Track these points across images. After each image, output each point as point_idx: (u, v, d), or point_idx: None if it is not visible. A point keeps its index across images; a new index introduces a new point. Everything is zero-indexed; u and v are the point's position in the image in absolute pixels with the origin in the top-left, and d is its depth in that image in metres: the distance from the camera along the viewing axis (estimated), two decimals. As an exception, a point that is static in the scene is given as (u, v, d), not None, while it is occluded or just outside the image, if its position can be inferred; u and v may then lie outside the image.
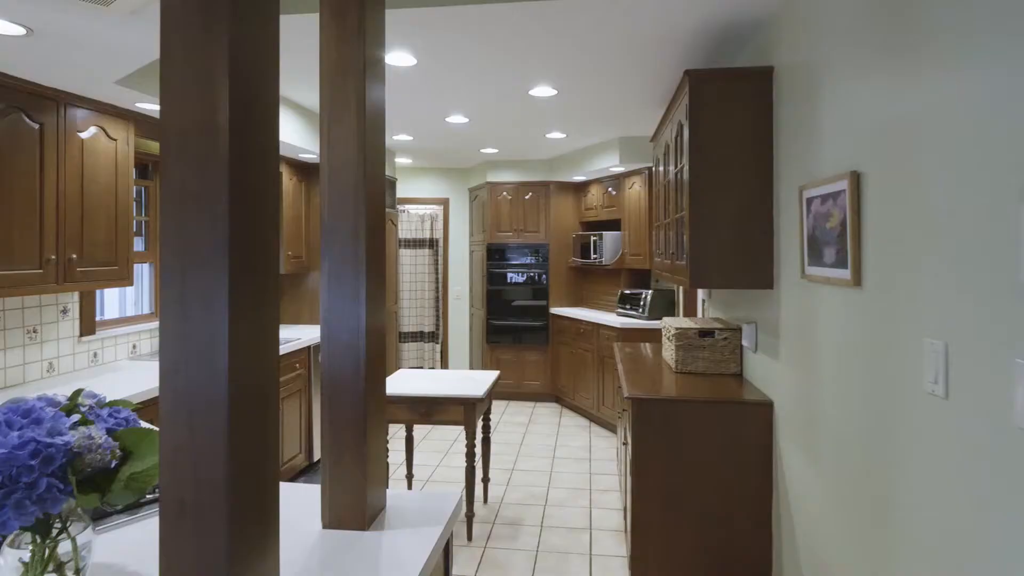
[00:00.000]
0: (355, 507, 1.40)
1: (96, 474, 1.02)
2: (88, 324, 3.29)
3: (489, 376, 3.70)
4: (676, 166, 3.03)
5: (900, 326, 1.48)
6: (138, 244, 3.89)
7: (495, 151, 5.88)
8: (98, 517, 1.37)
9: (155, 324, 3.76)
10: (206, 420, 0.86)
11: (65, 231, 2.77)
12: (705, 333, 3.01)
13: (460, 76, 3.37)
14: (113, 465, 1.03)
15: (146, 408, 2.82)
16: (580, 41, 2.82)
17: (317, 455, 4.46)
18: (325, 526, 1.40)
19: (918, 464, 1.40)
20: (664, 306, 5.13)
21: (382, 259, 1.46)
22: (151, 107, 3.03)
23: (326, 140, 1.39)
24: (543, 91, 3.65)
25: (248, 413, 0.90)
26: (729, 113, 2.58)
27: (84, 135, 2.86)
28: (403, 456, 4.71)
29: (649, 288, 5.59)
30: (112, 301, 3.74)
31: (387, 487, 3.46)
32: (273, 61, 0.96)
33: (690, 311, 4.59)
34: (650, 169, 5.24)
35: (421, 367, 7.55)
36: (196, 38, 0.85)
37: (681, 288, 4.81)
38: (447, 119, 4.44)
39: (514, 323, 6.36)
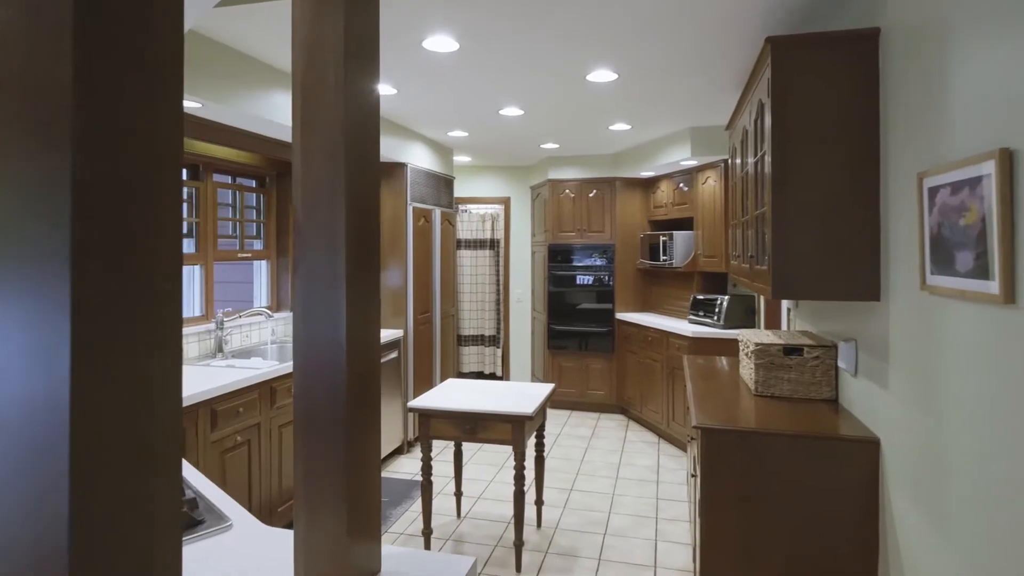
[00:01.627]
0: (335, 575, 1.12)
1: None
2: (133, 328, 3.23)
3: (542, 390, 3.38)
4: (756, 154, 2.60)
5: (1085, 363, 1.05)
6: (189, 246, 3.84)
7: (555, 146, 5.54)
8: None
9: (204, 327, 3.69)
10: (46, 519, 0.59)
11: (99, 234, 2.68)
12: (791, 350, 2.56)
13: (508, 61, 3.07)
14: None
15: (189, 412, 2.70)
16: (642, 13, 2.45)
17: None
18: (298, 599, 1.13)
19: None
20: (742, 314, 4.63)
21: (371, 270, 1.18)
22: (186, 105, 2.91)
23: (299, 123, 1.12)
24: (602, 75, 3.29)
25: (112, 502, 0.62)
26: (821, 87, 2.14)
27: (120, 134, 2.77)
28: (451, 468, 4.47)
29: (725, 293, 5.08)
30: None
31: (394, 541, 3.23)
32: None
33: (773, 321, 4.08)
34: (726, 161, 4.75)
35: (481, 371, 7.32)
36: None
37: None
38: (501, 111, 4.15)
39: (577, 328, 6.00)
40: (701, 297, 4.93)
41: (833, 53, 2.13)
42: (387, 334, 4.58)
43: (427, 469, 3.21)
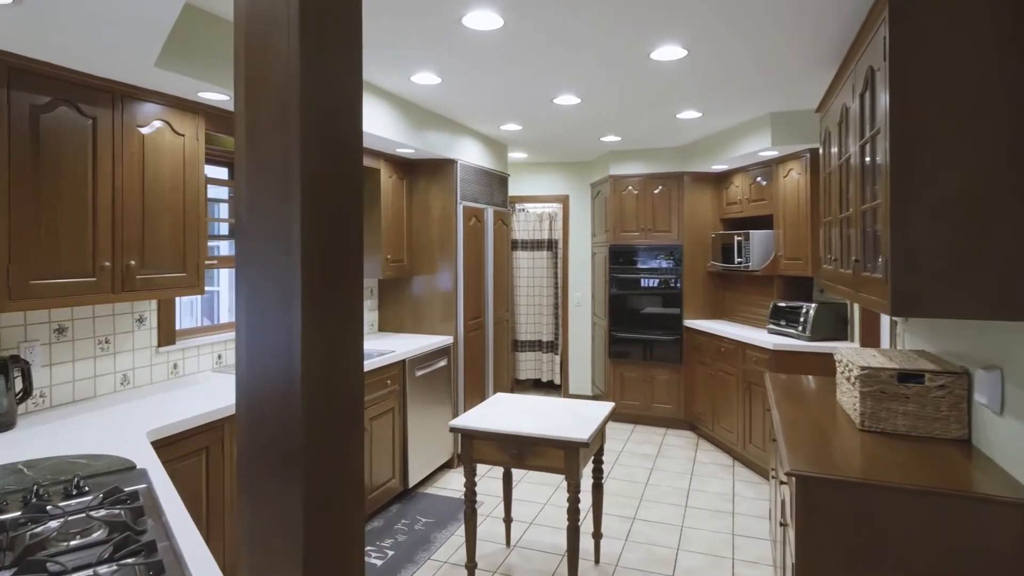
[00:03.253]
0: None
1: None
2: (167, 333, 3.09)
3: (600, 411, 3.00)
4: (862, 136, 2.13)
5: None
6: (231, 248, 3.70)
7: (617, 139, 5.11)
8: None
9: (242, 334, 3.52)
10: None
11: (122, 235, 2.52)
12: (908, 376, 2.07)
13: (560, 38, 2.71)
14: None
15: (215, 427, 2.51)
16: (721, -33, 2.04)
17: (414, 479, 4.03)
18: None
19: None
20: (832, 324, 4.07)
21: (345, 286, 0.85)
22: (215, 97, 2.72)
23: (242, 80, 0.80)
24: (668, 52, 2.87)
25: None
26: (960, 42, 1.67)
27: (145, 130, 2.60)
28: (500, 486, 4.14)
29: (811, 300, 4.52)
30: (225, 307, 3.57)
31: None
32: None
33: (870, 334, 3.53)
34: (813, 151, 4.20)
35: (538, 379, 6.98)
36: None
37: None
38: (555, 100, 3.78)
39: (641, 336, 5.55)
40: (782, 304, 4.40)
41: None
42: (436, 340, 4.31)
43: (470, 495, 2.90)
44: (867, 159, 2.08)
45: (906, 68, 1.72)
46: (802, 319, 4.13)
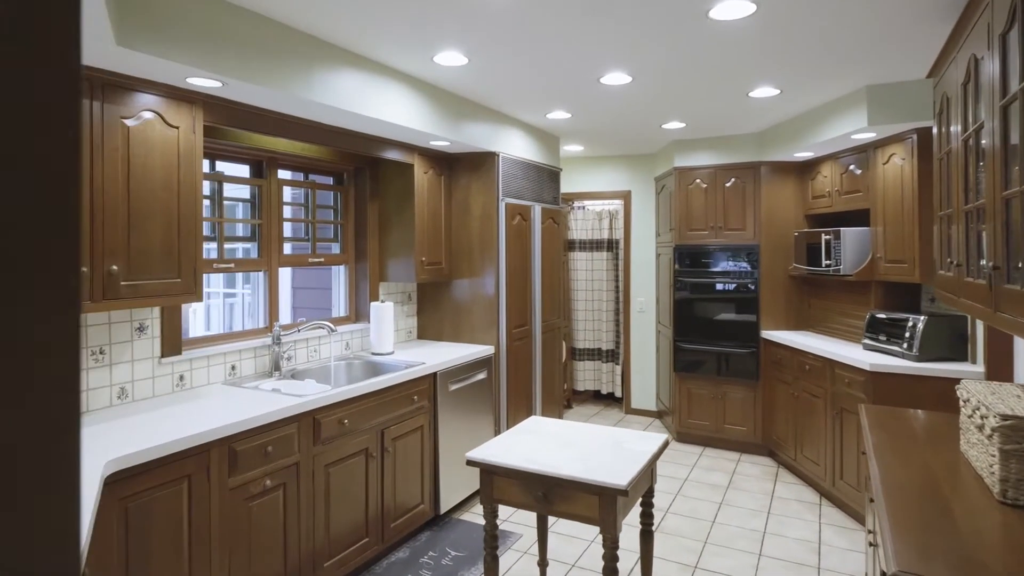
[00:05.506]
0: None
1: None
2: (172, 343, 2.85)
3: (649, 445, 2.50)
4: (1004, 94, 1.54)
5: None
6: (251, 250, 3.46)
7: (681, 126, 4.52)
8: None
9: (261, 341, 3.27)
10: None
11: (103, 238, 2.27)
12: (1076, 433, 1.46)
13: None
14: None
15: (199, 453, 2.24)
16: None
17: (446, 504, 3.66)
18: None
19: None
20: (946, 341, 3.34)
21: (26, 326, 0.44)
22: (207, 84, 2.44)
23: None
24: (732, 8, 2.32)
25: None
26: None
27: (131, 122, 2.34)
28: (534, 517, 3.67)
29: (918, 312, 3.77)
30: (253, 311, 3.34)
31: None
32: None
33: (1000, 354, 2.81)
34: (922, 131, 3.47)
35: (598, 391, 6.45)
36: None
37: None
38: (602, 80, 3.28)
39: (711, 348, 4.93)
40: (882, 316, 3.68)
41: None
42: (473, 351, 3.92)
43: (491, 540, 2.48)
44: (1011, 128, 1.49)
45: (1087, -21, 1.14)
46: (907, 334, 3.41)
